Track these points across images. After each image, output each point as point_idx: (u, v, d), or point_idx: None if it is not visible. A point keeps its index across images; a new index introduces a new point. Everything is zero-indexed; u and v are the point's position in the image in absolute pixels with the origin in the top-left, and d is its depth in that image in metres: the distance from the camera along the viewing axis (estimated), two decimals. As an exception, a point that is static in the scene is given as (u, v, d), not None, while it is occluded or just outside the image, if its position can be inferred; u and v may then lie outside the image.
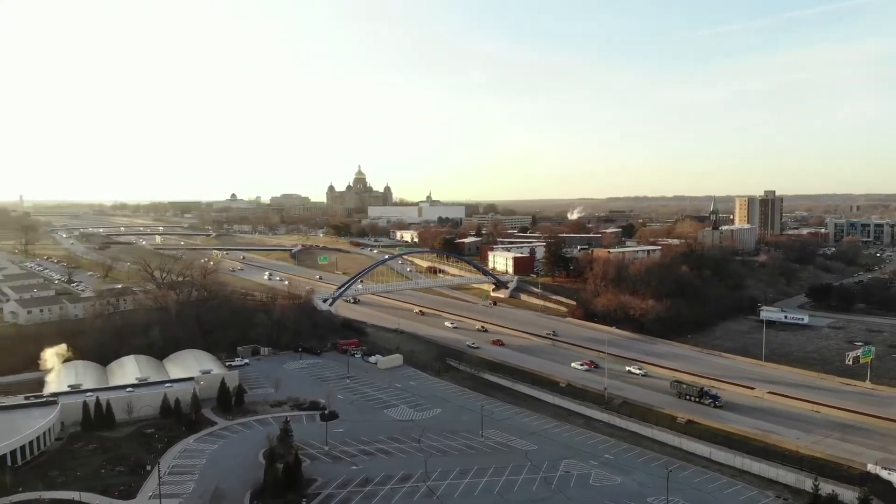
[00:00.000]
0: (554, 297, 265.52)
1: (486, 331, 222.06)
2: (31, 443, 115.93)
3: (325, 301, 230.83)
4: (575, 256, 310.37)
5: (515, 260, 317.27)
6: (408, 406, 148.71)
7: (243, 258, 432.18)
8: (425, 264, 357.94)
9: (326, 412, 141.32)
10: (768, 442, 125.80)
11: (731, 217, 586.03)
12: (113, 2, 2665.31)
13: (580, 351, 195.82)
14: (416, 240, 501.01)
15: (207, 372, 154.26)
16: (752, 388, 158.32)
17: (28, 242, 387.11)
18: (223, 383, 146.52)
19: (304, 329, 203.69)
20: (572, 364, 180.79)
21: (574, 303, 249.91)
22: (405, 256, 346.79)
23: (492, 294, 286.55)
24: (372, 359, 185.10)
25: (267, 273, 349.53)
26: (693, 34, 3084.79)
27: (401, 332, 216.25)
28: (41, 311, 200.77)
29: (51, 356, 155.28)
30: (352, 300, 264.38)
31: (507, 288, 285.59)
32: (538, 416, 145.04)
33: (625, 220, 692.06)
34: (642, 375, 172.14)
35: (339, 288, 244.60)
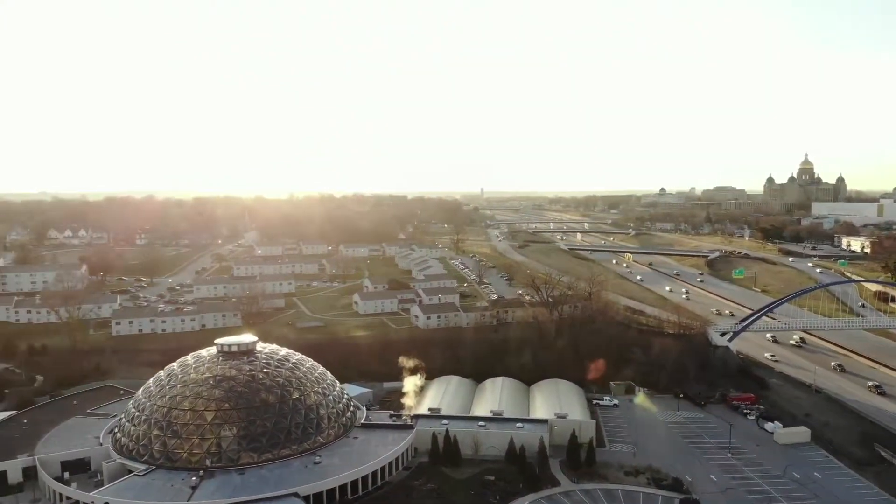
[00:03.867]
0: None
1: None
2: (376, 472, 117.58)
3: (722, 335, 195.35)
4: None
5: None
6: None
7: (650, 264, 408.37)
8: (874, 288, 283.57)
9: (689, 501, 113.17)
10: None
11: None
12: None
13: None
14: (866, 250, 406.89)
15: (563, 416, 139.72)
16: None
17: (460, 240, 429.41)
18: (574, 435, 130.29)
19: (691, 369, 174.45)
20: None
21: None
22: (848, 274, 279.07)
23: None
24: (769, 426, 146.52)
25: (668, 287, 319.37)
26: None
27: (817, 392, 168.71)
28: (438, 317, 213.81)
29: (408, 368, 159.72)
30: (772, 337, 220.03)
31: None
32: None
33: None
34: None
35: (744, 320, 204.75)
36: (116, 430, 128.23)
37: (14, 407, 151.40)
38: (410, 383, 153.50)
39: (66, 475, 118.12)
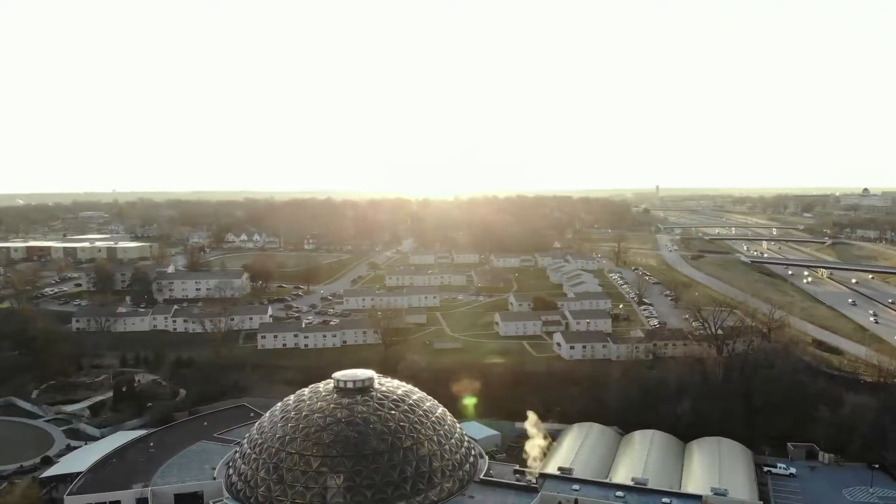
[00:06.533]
0: None
1: None
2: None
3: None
4: None
5: None
6: None
7: (855, 282, 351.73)
8: None
9: None
10: None
11: None
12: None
13: None
14: None
15: (722, 493, 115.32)
16: None
17: (623, 249, 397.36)
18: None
19: (890, 432, 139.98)
20: None
21: None
22: None
23: None
24: None
25: (871, 314, 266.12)
26: None
27: None
28: (583, 347, 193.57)
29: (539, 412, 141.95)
30: None
31: None
32: None
33: None
34: None
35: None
36: (230, 464, 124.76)
37: (155, 422, 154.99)
38: (541, 432, 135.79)
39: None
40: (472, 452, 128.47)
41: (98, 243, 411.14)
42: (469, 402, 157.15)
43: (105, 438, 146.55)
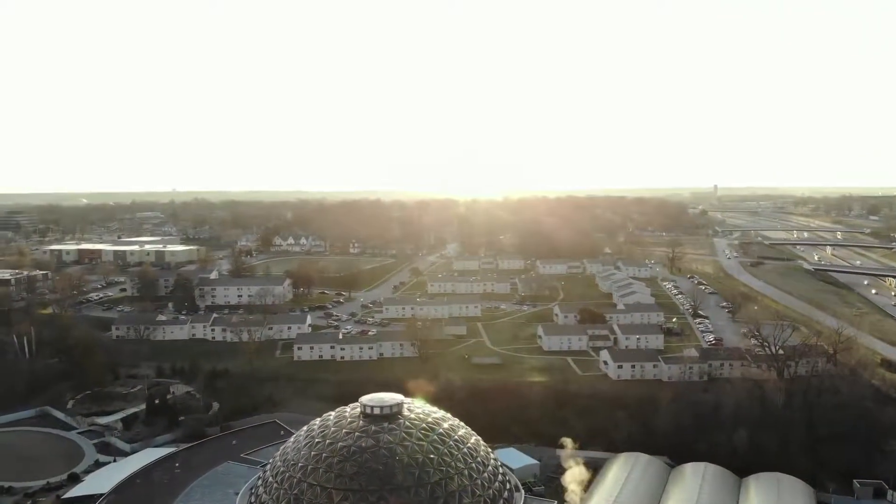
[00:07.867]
0: None
1: None
2: None
3: None
4: None
5: None
6: None
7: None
8: None
9: None
10: None
11: None
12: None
13: None
14: None
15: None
16: None
17: (677, 256, 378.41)
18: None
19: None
20: None
21: None
22: None
23: None
24: None
25: None
26: None
27: None
28: (632, 367, 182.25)
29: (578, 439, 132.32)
30: None
31: None
32: None
33: None
34: None
35: None
36: (252, 491, 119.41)
37: (186, 437, 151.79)
38: (582, 462, 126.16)
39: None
40: (507, 486, 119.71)
41: (147, 246, 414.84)
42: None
43: (134, 455, 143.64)
